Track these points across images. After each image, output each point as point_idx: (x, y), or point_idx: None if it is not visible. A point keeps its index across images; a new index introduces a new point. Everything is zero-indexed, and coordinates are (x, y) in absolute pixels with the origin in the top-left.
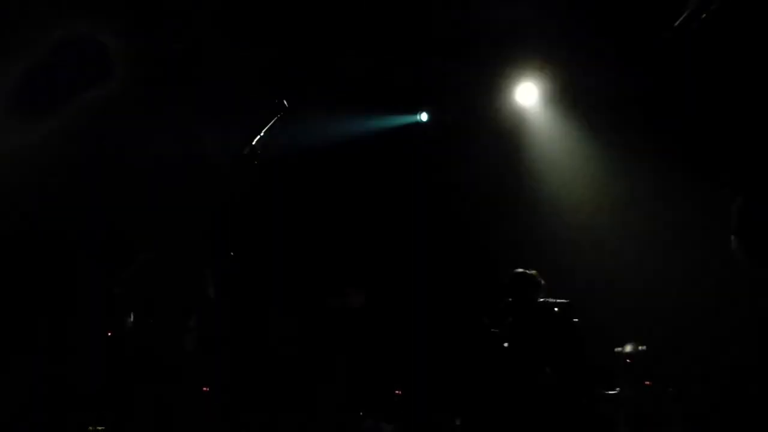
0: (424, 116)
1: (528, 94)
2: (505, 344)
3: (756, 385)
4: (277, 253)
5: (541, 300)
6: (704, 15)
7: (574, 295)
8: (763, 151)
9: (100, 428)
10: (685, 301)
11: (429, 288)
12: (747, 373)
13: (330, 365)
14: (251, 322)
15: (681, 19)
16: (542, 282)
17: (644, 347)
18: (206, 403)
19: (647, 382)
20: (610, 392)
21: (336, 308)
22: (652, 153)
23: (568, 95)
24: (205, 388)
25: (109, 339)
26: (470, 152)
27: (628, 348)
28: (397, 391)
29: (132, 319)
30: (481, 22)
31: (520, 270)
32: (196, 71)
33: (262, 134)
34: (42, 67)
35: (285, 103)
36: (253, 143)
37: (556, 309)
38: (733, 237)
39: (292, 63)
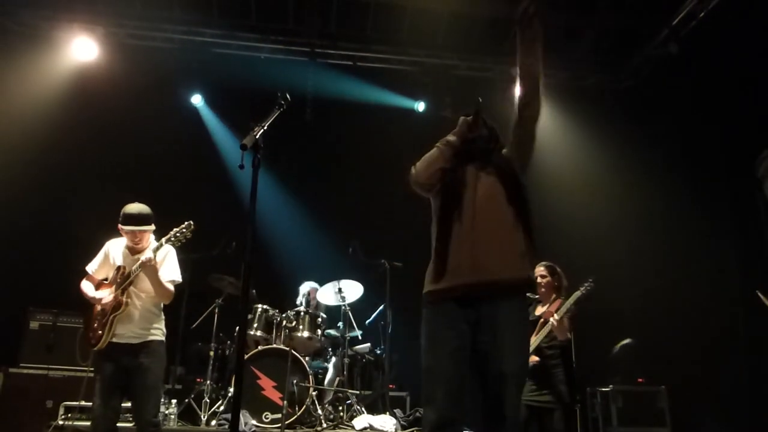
0: (421, 106)
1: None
2: None
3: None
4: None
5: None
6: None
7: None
8: None
9: None
10: (680, 300)
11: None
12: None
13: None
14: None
15: None
16: None
17: (635, 342)
18: None
19: (640, 380)
20: (603, 389)
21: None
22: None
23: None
24: None
25: None
26: None
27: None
28: (390, 385)
29: None
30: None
31: None
32: None
33: (264, 127)
34: None
35: (287, 96)
36: (256, 135)
37: None
38: None
39: None
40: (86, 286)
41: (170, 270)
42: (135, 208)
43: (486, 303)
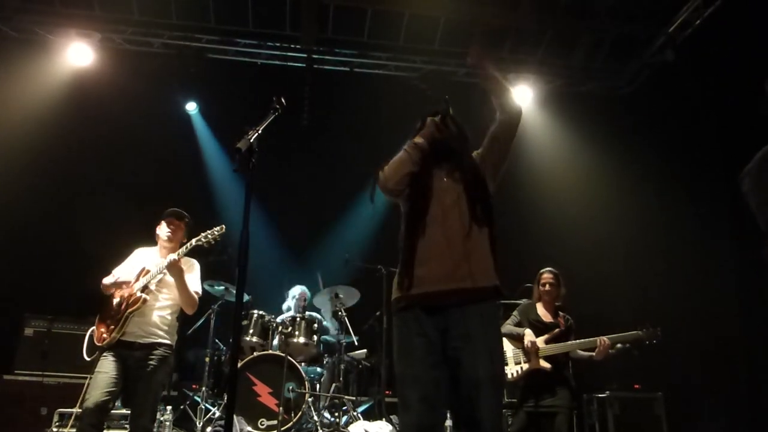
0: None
1: (521, 96)
2: None
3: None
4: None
5: None
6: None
7: (568, 294)
8: None
9: None
10: (678, 306)
11: None
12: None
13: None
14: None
15: None
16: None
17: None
18: None
19: (636, 386)
20: (599, 395)
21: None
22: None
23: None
24: None
25: None
26: None
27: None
28: (387, 392)
29: None
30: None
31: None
32: None
33: (259, 131)
34: None
35: (283, 101)
36: (251, 139)
37: None
38: None
39: None
40: (107, 279)
41: (193, 281)
42: (175, 209)
43: (455, 310)
